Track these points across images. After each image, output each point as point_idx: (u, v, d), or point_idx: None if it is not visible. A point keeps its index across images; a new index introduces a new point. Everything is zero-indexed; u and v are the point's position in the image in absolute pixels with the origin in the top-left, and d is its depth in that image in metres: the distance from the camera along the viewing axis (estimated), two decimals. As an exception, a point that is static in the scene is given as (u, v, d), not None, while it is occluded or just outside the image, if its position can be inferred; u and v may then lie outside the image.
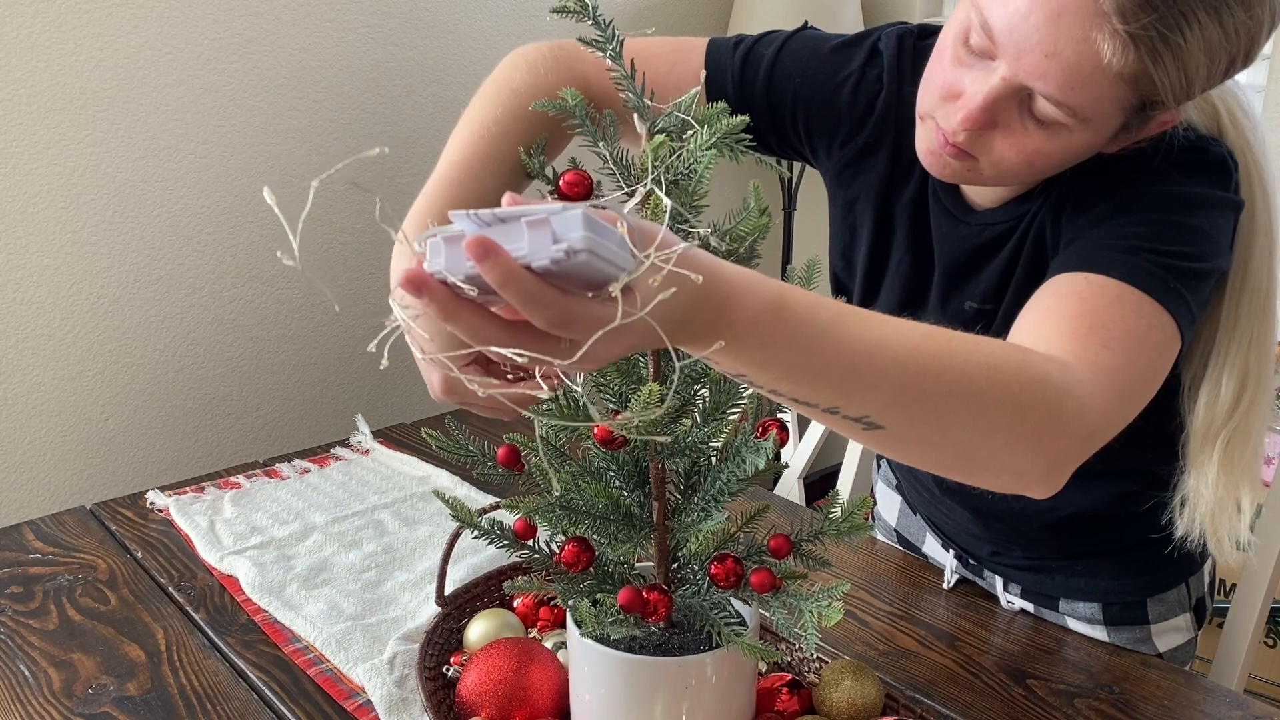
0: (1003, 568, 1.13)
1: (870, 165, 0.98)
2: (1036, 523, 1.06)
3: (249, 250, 1.80)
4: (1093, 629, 1.10)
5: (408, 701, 0.94)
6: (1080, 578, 1.08)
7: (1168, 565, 1.07)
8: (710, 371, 0.73)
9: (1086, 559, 1.08)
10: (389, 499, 1.35)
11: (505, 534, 0.80)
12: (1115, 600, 1.08)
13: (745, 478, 0.73)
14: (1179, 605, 1.09)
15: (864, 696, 0.87)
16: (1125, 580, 1.08)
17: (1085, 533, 1.07)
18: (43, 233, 1.58)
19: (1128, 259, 0.76)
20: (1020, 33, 0.73)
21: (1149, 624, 1.08)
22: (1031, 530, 1.08)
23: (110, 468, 1.72)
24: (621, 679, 0.76)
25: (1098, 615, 1.09)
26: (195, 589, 1.15)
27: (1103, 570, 1.08)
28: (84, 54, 1.56)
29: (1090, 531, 1.06)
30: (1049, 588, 1.11)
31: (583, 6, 0.70)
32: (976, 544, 1.14)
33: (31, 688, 0.97)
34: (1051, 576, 1.10)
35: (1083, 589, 1.09)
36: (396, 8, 1.88)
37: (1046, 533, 1.07)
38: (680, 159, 0.66)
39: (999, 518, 1.08)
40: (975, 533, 1.13)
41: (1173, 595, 1.08)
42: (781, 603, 0.72)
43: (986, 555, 1.14)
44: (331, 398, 1.95)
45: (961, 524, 1.14)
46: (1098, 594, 1.08)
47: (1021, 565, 1.12)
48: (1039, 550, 1.10)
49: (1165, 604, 1.08)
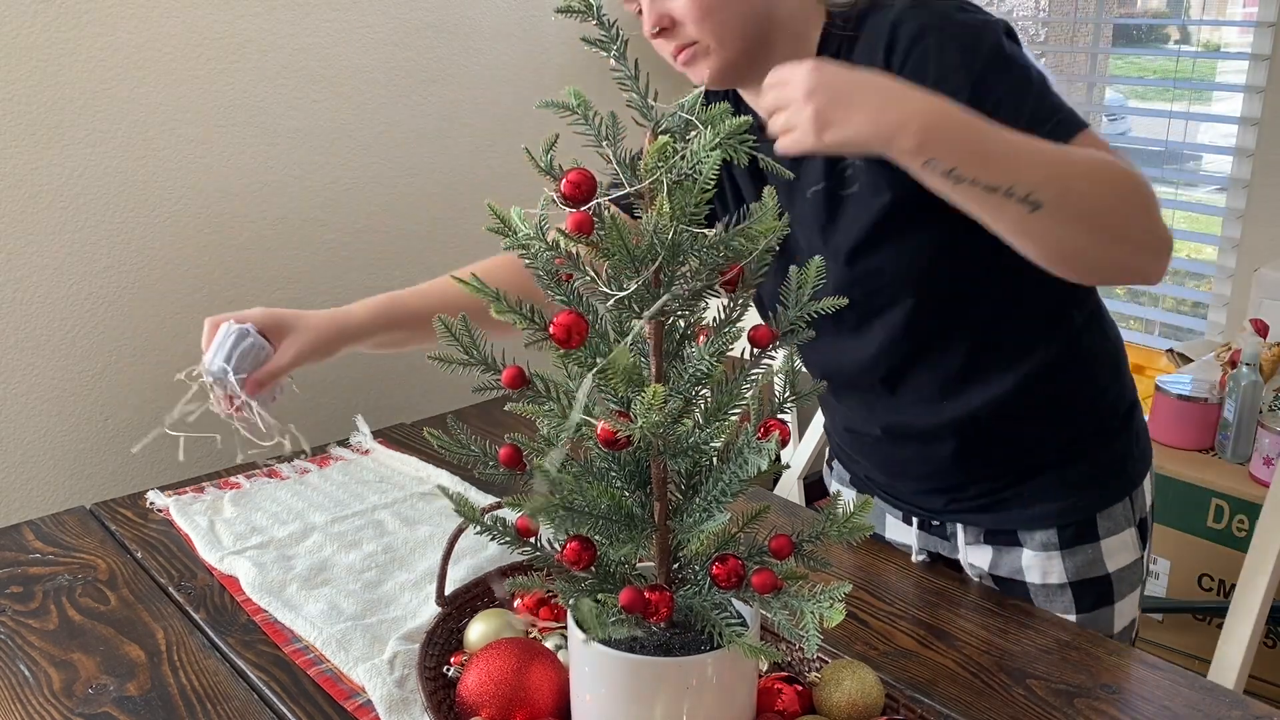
0: (961, 513, 1.17)
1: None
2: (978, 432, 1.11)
3: (249, 250, 1.80)
4: (1049, 559, 1.14)
5: (408, 701, 0.94)
6: (1034, 506, 1.13)
7: (1109, 476, 1.14)
8: (712, 372, 0.73)
9: (1035, 479, 1.12)
10: (389, 499, 1.35)
11: (507, 531, 0.80)
12: (1069, 521, 1.13)
13: (747, 478, 0.73)
14: (1125, 519, 1.14)
15: (864, 696, 0.87)
16: (1074, 497, 1.13)
17: (1023, 434, 1.11)
18: (43, 233, 1.58)
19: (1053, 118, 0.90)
20: None
21: (1099, 540, 1.13)
22: (978, 445, 1.12)
23: (110, 468, 1.72)
24: (622, 679, 0.76)
25: (1054, 540, 1.13)
26: (195, 589, 1.15)
27: (1052, 491, 1.12)
28: (84, 54, 1.56)
29: (1027, 427, 1.11)
30: (1006, 522, 1.15)
31: (587, 7, 0.70)
32: (931, 498, 1.18)
33: (31, 688, 0.97)
34: (1007, 510, 1.14)
35: (1037, 516, 1.13)
36: (396, 8, 1.88)
37: (991, 442, 1.12)
38: (684, 160, 0.66)
39: (944, 443, 1.13)
40: (928, 482, 1.17)
41: (1119, 510, 1.14)
42: (783, 603, 0.72)
43: (942, 506, 1.18)
44: (331, 398, 1.95)
45: (915, 476, 1.18)
46: (1051, 517, 1.13)
47: (976, 505, 1.16)
48: (989, 474, 1.14)
49: (1113, 519, 1.14)
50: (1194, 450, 2.07)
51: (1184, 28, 4.61)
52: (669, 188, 0.66)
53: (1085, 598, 1.14)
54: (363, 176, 1.90)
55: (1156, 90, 3.17)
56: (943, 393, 1.10)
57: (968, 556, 1.19)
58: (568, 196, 0.69)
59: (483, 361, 0.77)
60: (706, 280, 0.70)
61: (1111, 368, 1.14)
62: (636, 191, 0.69)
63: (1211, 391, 2.05)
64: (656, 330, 0.73)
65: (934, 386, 1.10)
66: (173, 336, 1.74)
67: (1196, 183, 3.12)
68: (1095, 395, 1.13)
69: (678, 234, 0.67)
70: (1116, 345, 1.15)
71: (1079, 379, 1.11)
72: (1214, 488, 1.95)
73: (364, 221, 1.92)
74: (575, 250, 0.71)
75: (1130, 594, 1.17)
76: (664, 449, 0.73)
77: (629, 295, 0.68)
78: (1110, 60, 2.98)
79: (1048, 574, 1.14)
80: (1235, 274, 2.42)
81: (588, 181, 0.69)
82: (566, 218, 0.70)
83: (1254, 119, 2.36)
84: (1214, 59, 4.42)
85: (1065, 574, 1.14)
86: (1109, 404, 1.14)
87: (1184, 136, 2.52)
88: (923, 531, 1.23)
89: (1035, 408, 1.10)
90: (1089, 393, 1.12)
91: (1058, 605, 1.14)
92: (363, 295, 1.19)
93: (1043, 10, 4.27)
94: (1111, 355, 1.14)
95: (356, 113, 1.87)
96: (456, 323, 0.77)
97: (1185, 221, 2.68)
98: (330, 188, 1.87)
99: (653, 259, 0.67)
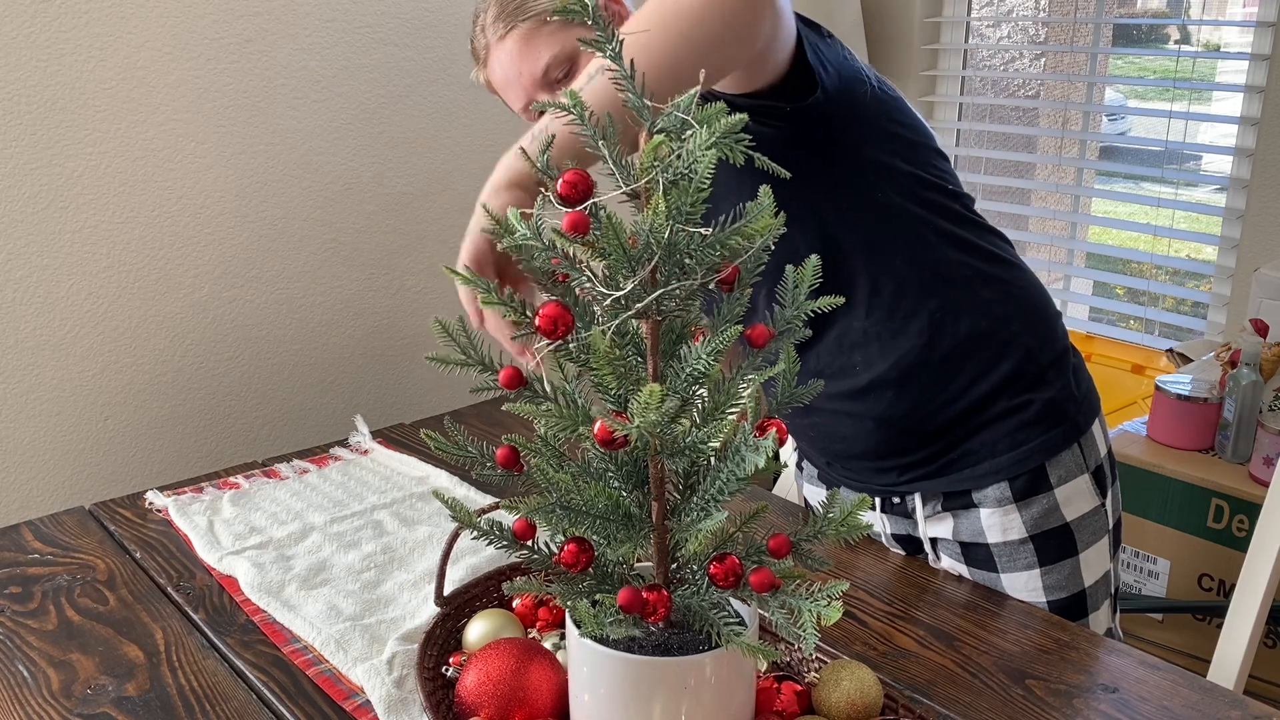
0: (916, 481, 1.20)
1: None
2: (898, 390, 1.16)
3: (248, 250, 1.80)
4: (1007, 515, 1.16)
5: (407, 702, 0.94)
6: (982, 462, 1.16)
7: (1050, 423, 1.15)
8: (710, 371, 0.73)
9: (978, 435, 1.16)
10: (388, 499, 1.35)
11: (504, 534, 0.80)
12: (1018, 472, 1.15)
13: (745, 477, 0.73)
14: (1076, 467, 1.17)
15: (864, 696, 0.87)
16: (1019, 448, 1.15)
17: (945, 389, 1.15)
18: (43, 233, 1.58)
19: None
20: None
21: (1053, 490, 1.16)
22: (900, 403, 1.16)
23: (109, 468, 1.72)
24: (621, 679, 0.76)
25: (1007, 494, 1.16)
26: (194, 589, 1.15)
27: (995, 444, 1.15)
28: (84, 54, 1.57)
29: (945, 381, 1.15)
30: (959, 483, 1.17)
31: (583, 7, 0.70)
32: (885, 474, 1.21)
33: (31, 688, 0.97)
34: (958, 471, 1.17)
35: (987, 472, 1.16)
36: (396, 8, 1.88)
37: (915, 399, 1.16)
38: (680, 159, 0.66)
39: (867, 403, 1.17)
40: (872, 455, 1.21)
41: (1068, 457, 1.16)
42: (780, 603, 0.72)
43: (897, 479, 1.21)
44: (331, 398, 1.95)
45: (859, 453, 1.22)
46: (1001, 471, 1.15)
47: (926, 471, 1.18)
48: (931, 432, 1.17)
49: (1063, 466, 1.16)
50: (1194, 450, 2.06)
51: (1184, 28, 4.61)
52: (664, 187, 0.66)
53: (1047, 550, 1.16)
54: (363, 176, 1.90)
55: (1156, 90, 3.17)
56: (850, 350, 1.16)
57: (929, 530, 1.21)
58: (564, 196, 0.69)
59: (480, 362, 0.77)
60: (702, 279, 0.70)
61: (1026, 316, 1.17)
62: (632, 191, 0.69)
63: (1211, 391, 2.05)
64: (653, 329, 0.73)
65: (840, 345, 1.16)
66: (172, 336, 1.74)
67: (1196, 183, 3.12)
68: (1008, 342, 1.15)
69: (674, 233, 0.67)
70: (1031, 294, 1.18)
71: (986, 329, 1.14)
72: (1214, 488, 1.95)
73: (364, 221, 1.93)
74: (571, 250, 0.72)
75: (1096, 543, 1.18)
76: (661, 448, 0.73)
77: (625, 295, 0.68)
78: (1110, 60, 2.98)
79: (1007, 530, 1.16)
80: (1235, 274, 2.42)
81: (584, 181, 0.69)
82: (563, 217, 0.70)
83: (1254, 119, 2.36)
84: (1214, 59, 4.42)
85: (1024, 528, 1.16)
86: (1029, 350, 1.16)
87: (1184, 136, 2.52)
88: (885, 514, 1.26)
89: (947, 361, 1.14)
90: (1001, 340, 1.14)
91: (1021, 562, 1.16)
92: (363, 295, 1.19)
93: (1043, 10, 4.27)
94: (1025, 304, 1.17)
95: (356, 113, 1.87)
96: (454, 324, 0.77)
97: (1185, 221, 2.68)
98: (330, 188, 1.87)
99: (649, 259, 0.67)
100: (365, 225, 1.93)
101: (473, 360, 0.77)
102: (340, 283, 1.92)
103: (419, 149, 1.97)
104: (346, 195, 1.89)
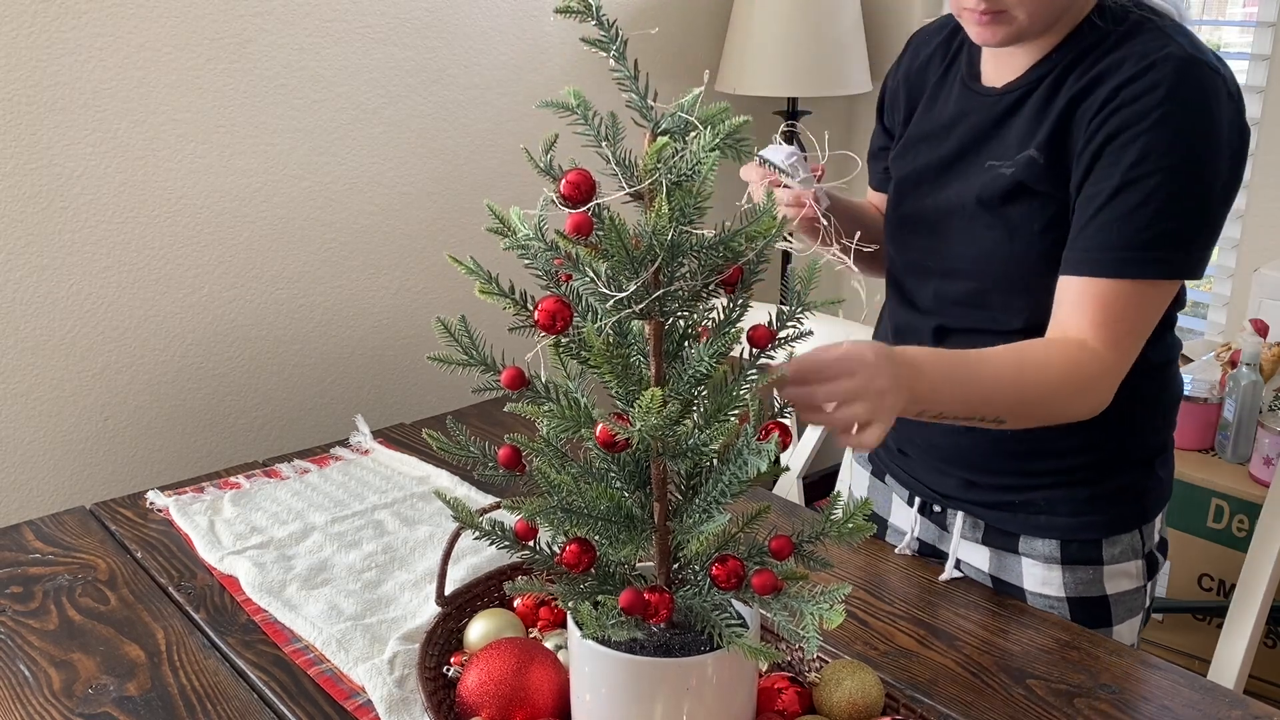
0: (969, 504, 1.18)
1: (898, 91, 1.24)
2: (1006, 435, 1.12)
3: (248, 250, 1.80)
4: (1049, 570, 1.14)
5: (408, 701, 0.94)
6: (1041, 515, 1.14)
7: (1122, 505, 1.14)
8: (712, 374, 0.73)
9: (1050, 490, 1.13)
10: (389, 499, 1.35)
11: (506, 535, 0.80)
12: (1073, 538, 1.13)
13: (747, 479, 0.73)
14: (1132, 551, 1.15)
15: (864, 696, 0.87)
16: (1082, 518, 1.13)
17: (1054, 441, 1.11)
18: (43, 233, 1.58)
19: (1136, 256, 0.97)
20: None
21: (1102, 565, 1.14)
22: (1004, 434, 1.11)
23: (110, 468, 1.72)
24: (622, 680, 0.76)
25: (1055, 553, 1.14)
26: (195, 589, 1.15)
27: (1061, 507, 1.13)
28: (84, 54, 1.56)
29: (1058, 436, 1.10)
30: (1010, 524, 1.15)
31: (586, 7, 0.70)
32: (945, 479, 1.19)
33: (31, 688, 0.97)
34: (1014, 514, 1.15)
35: (1043, 526, 1.14)
36: (396, 8, 1.87)
37: (1019, 437, 1.11)
38: (683, 160, 0.66)
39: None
40: (947, 459, 1.18)
41: (1126, 540, 1.14)
42: (783, 604, 0.72)
43: (954, 489, 1.18)
44: (331, 398, 1.95)
45: (935, 449, 1.19)
46: (1056, 531, 1.14)
47: (987, 500, 1.16)
48: (1009, 469, 1.14)
49: (1119, 547, 1.14)
50: (1194, 450, 2.06)
51: (1184, 27, 4.60)
52: (668, 188, 0.66)
53: (1081, 614, 1.14)
54: (363, 176, 1.90)
55: (1156, 90, 3.16)
56: None
57: (960, 550, 1.19)
58: (567, 197, 0.69)
59: (482, 362, 0.77)
60: (705, 281, 0.70)
61: (1161, 414, 1.16)
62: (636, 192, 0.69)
63: (1211, 391, 2.05)
64: (656, 331, 0.73)
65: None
66: (172, 336, 1.74)
67: (1196, 182, 3.12)
68: (1133, 431, 1.13)
69: (677, 235, 0.67)
70: (1174, 397, 1.17)
71: (1125, 414, 1.08)
72: (1214, 488, 1.95)
73: (364, 221, 1.92)
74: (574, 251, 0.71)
75: (1129, 619, 1.16)
76: (663, 450, 0.73)
77: (628, 296, 0.68)
78: (1110, 60, 2.97)
79: (1047, 583, 1.14)
80: (1235, 274, 2.42)
81: (587, 182, 0.69)
82: (566, 218, 0.70)
83: (1254, 119, 2.36)
84: (1214, 59, 4.41)
85: (1064, 588, 1.14)
86: (1143, 441, 1.14)
87: (1184, 136, 2.53)
88: (922, 516, 1.24)
89: (1071, 428, 1.07)
90: (1129, 428, 1.12)
91: (1051, 614, 1.14)
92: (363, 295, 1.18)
93: (1043, 10, 4.27)
94: (1165, 404, 1.16)
95: (356, 113, 1.87)
96: (456, 323, 0.77)
97: (1185, 221, 2.69)
98: (330, 188, 1.87)
99: (652, 260, 0.67)
100: (365, 225, 1.93)
101: (474, 360, 0.77)
102: (340, 283, 1.91)
103: (419, 149, 1.96)
104: (346, 195, 1.89)
